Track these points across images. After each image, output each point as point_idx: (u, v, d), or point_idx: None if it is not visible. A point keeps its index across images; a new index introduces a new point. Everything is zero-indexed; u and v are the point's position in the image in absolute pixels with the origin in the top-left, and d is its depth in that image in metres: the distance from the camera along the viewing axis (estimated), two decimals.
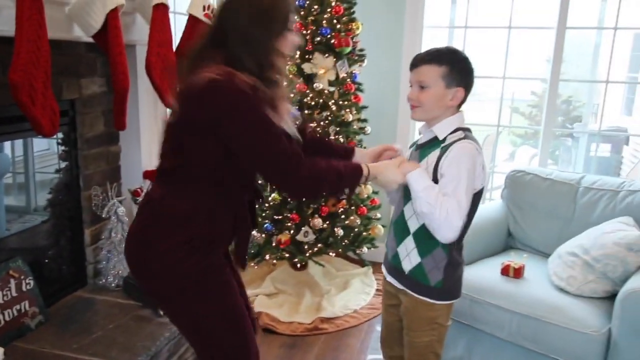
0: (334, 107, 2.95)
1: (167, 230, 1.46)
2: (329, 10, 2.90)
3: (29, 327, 2.09)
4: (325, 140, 1.92)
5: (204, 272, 1.49)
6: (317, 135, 1.84)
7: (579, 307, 2.11)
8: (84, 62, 2.36)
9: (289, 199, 2.95)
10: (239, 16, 1.41)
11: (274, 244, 2.95)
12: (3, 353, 1.66)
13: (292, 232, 2.92)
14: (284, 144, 1.42)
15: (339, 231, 2.99)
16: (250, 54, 1.41)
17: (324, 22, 2.90)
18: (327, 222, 2.96)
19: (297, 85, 2.86)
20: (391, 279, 1.74)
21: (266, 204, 2.96)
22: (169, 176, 1.51)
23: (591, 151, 5.09)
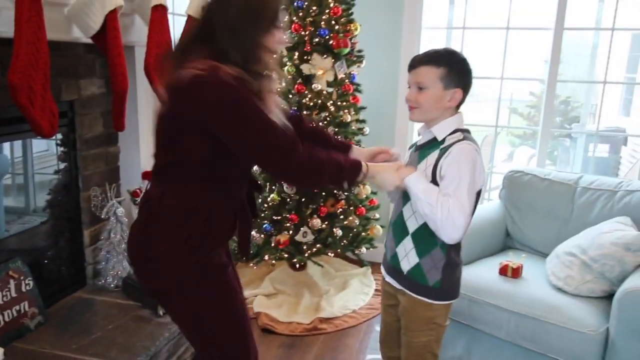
0: (332, 108, 2.95)
1: (167, 229, 1.45)
2: (327, 11, 2.90)
3: (29, 328, 2.10)
4: (324, 131, 1.89)
5: (205, 272, 1.49)
6: (316, 126, 1.81)
7: (577, 306, 2.11)
8: (83, 63, 2.36)
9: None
10: (229, 10, 1.40)
11: (273, 245, 2.95)
12: (3, 353, 1.66)
13: (291, 232, 2.92)
14: (278, 130, 1.40)
15: (338, 231, 2.99)
16: (236, 48, 1.40)
17: (323, 23, 2.90)
18: (326, 223, 2.96)
19: (296, 86, 2.86)
20: (390, 280, 1.74)
21: (265, 205, 2.96)
22: (163, 174, 1.51)
23: (589, 151, 5.10)
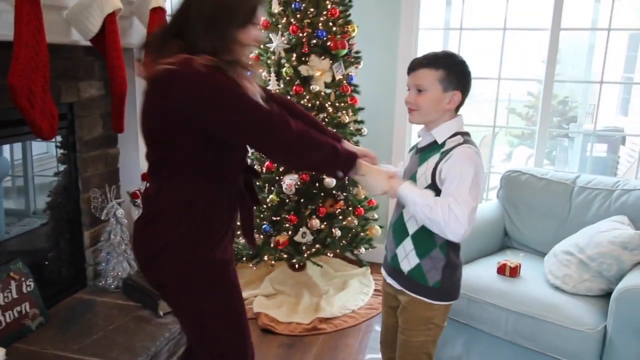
0: (330, 109, 2.95)
1: (167, 226, 1.45)
2: (324, 12, 2.91)
3: (30, 329, 2.11)
4: (316, 120, 1.82)
5: (209, 267, 1.50)
6: (307, 113, 1.77)
7: (575, 305, 2.12)
8: (82, 65, 2.38)
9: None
10: (205, 3, 1.40)
11: (272, 245, 2.95)
12: (4, 354, 1.67)
13: (290, 233, 2.93)
14: (261, 106, 1.38)
15: (337, 232, 3.00)
16: (209, 39, 1.38)
17: (320, 24, 2.91)
18: (325, 223, 2.97)
19: (294, 88, 2.87)
20: (391, 281, 1.74)
21: (264, 206, 2.97)
22: (157, 172, 1.51)
23: (587, 151, 5.11)
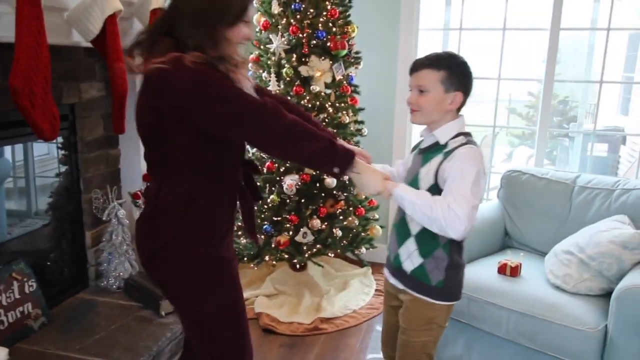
0: (330, 109, 2.96)
1: (168, 223, 1.45)
2: (324, 13, 2.91)
3: (32, 329, 2.11)
4: (310, 116, 1.80)
5: (211, 264, 1.50)
6: (301, 110, 1.76)
7: (575, 304, 2.12)
8: (83, 67, 2.38)
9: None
10: (193, 0, 1.40)
11: (273, 245, 2.96)
12: (7, 354, 1.67)
13: (291, 233, 2.93)
14: (256, 98, 1.38)
15: (338, 232, 3.00)
16: (197, 36, 1.38)
17: (320, 25, 2.91)
18: (326, 223, 2.98)
19: (294, 88, 2.88)
20: (394, 280, 1.74)
21: (265, 206, 2.98)
22: (157, 171, 1.51)
23: (588, 151, 5.10)
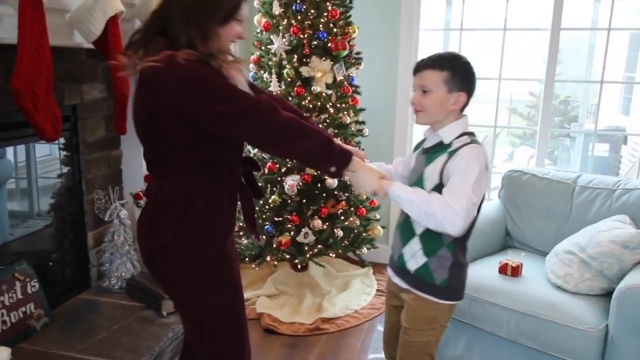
0: (331, 110, 2.97)
1: (169, 222, 1.46)
2: (325, 14, 2.92)
3: (35, 329, 2.12)
4: (304, 115, 1.80)
5: (212, 266, 1.51)
6: (295, 108, 1.76)
7: (576, 304, 2.13)
8: (84, 68, 2.39)
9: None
10: None
11: (274, 246, 2.97)
12: (10, 354, 1.68)
13: (292, 233, 2.94)
14: (251, 95, 1.38)
15: (339, 232, 3.01)
16: (189, 34, 1.38)
17: (321, 26, 2.92)
18: (327, 224, 2.98)
19: (295, 89, 2.88)
20: (397, 280, 1.74)
21: (266, 207, 2.99)
22: (156, 170, 1.52)
23: (589, 151, 5.10)
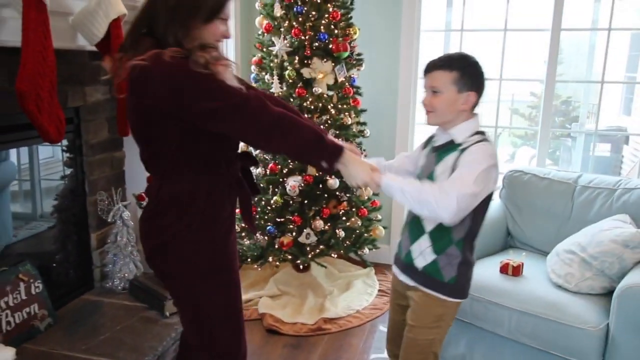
0: (333, 111, 2.98)
1: (169, 221, 1.47)
2: (326, 15, 2.93)
3: (39, 330, 2.13)
4: (298, 112, 1.80)
5: (212, 265, 1.52)
6: (288, 104, 1.76)
7: (577, 303, 2.13)
8: (88, 70, 2.40)
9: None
10: None
11: (276, 246, 2.98)
12: (14, 354, 1.69)
13: (294, 234, 2.95)
14: (239, 90, 1.38)
15: (341, 233, 3.02)
16: (174, 32, 1.39)
17: (322, 27, 2.93)
18: (329, 224, 2.99)
19: (297, 90, 2.90)
20: (404, 277, 1.75)
21: (268, 207, 3.00)
22: (155, 170, 1.52)
23: (590, 151, 5.10)
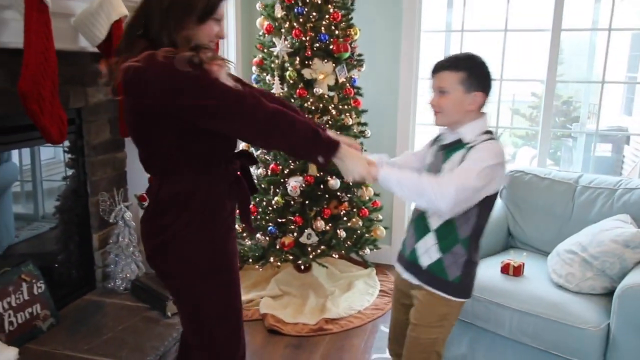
0: (334, 112, 2.98)
1: (169, 221, 1.48)
2: (327, 16, 2.94)
3: (41, 330, 2.14)
4: (296, 108, 1.79)
5: (211, 265, 1.52)
6: (284, 101, 1.77)
7: (578, 303, 2.14)
8: (89, 71, 2.41)
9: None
10: None
11: (278, 247, 2.98)
12: (17, 354, 1.70)
13: (295, 234, 2.95)
14: (233, 88, 1.38)
15: (342, 233, 3.02)
16: (167, 33, 1.39)
17: (323, 28, 2.94)
18: (330, 225, 2.99)
19: (298, 91, 2.90)
20: (407, 275, 1.75)
21: (269, 208, 3.00)
22: (153, 168, 1.53)
23: (592, 151, 5.10)
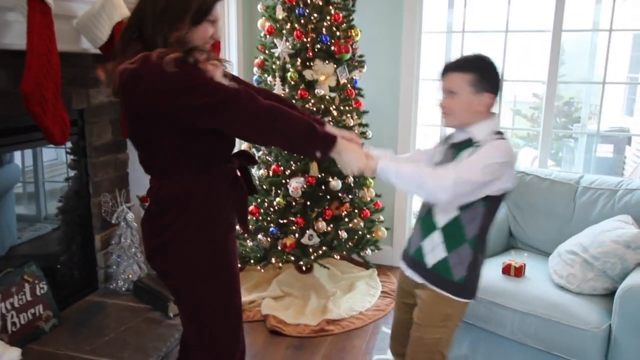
0: (335, 113, 2.99)
1: (169, 221, 1.48)
2: (328, 18, 2.94)
3: (44, 330, 2.15)
4: (294, 105, 1.80)
5: (211, 265, 1.53)
6: (282, 98, 1.77)
7: (579, 304, 2.14)
8: (91, 73, 2.42)
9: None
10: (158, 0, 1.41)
11: (279, 248, 2.99)
12: (20, 354, 1.70)
13: (297, 235, 2.96)
14: (228, 85, 1.39)
15: (343, 234, 3.03)
16: (162, 35, 1.39)
17: (324, 29, 2.94)
18: (331, 226, 3.00)
19: (299, 92, 2.91)
20: (411, 273, 1.75)
21: (271, 209, 3.01)
22: (153, 169, 1.54)
23: (593, 152, 5.10)
